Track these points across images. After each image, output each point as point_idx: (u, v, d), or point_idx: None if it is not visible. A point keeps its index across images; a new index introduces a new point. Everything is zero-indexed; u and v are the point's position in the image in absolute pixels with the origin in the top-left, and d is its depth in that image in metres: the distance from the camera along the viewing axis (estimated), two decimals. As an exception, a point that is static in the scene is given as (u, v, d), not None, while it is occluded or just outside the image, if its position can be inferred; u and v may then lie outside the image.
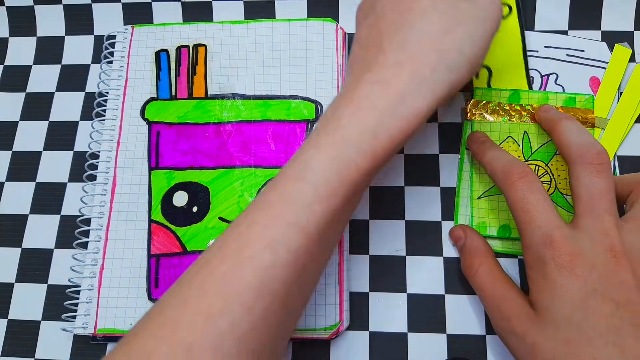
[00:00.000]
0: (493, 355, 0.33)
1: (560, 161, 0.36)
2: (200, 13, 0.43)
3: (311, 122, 0.38)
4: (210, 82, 0.40)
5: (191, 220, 0.36)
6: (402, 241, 0.36)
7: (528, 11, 0.41)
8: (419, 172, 0.38)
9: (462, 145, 0.38)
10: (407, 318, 0.35)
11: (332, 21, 0.40)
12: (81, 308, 0.35)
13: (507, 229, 0.35)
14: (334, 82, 0.38)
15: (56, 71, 0.43)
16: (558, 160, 0.36)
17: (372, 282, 0.35)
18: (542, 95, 0.38)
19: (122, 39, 0.41)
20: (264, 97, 0.39)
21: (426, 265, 0.36)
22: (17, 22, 0.45)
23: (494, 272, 0.32)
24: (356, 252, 0.36)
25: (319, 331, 0.33)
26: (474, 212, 0.36)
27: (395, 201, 0.37)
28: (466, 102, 0.38)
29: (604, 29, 0.40)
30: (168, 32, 0.41)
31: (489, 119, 0.37)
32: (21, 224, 0.39)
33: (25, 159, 0.41)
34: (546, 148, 0.36)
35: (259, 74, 0.39)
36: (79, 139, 0.41)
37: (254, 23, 0.41)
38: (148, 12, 0.43)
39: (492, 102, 0.38)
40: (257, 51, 0.40)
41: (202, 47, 0.40)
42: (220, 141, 0.38)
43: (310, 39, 0.40)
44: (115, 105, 0.39)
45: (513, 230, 0.35)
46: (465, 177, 0.37)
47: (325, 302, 0.34)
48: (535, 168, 0.36)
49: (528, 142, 0.37)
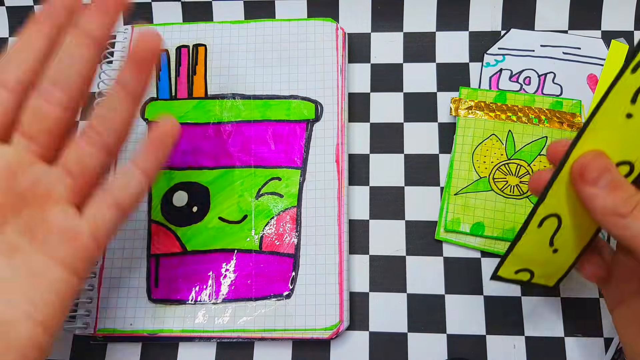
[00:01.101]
0: (493, 355, 0.33)
1: (543, 162, 0.36)
2: (200, 13, 0.43)
3: (311, 122, 0.38)
4: (210, 82, 0.40)
5: (191, 220, 0.36)
6: (402, 241, 0.36)
7: (528, 11, 0.41)
8: (419, 172, 0.38)
9: (455, 141, 0.38)
10: (407, 318, 0.35)
11: (332, 21, 0.40)
12: (81, 308, 0.35)
13: (481, 226, 0.35)
14: (334, 82, 0.39)
15: (56, 71, 0.43)
16: (541, 161, 0.36)
17: (372, 282, 0.36)
18: (529, 98, 0.38)
19: (122, 39, 0.41)
20: (264, 97, 0.39)
21: (426, 265, 0.36)
22: (17, 22, 0.44)
23: None
24: (356, 252, 0.36)
25: (319, 331, 0.33)
26: (449, 208, 0.36)
27: (395, 201, 0.37)
28: (452, 100, 0.38)
29: (603, 29, 0.40)
30: (168, 32, 0.41)
31: (473, 116, 0.38)
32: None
33: (25, 159, 0.41)
34: (530, 148, 0.37)
35: (259, 73, 0.39)
36: (79, 139, 0.41)
37: (253, 23, 0.41)
38: (148, 12, 0.43)
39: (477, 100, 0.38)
40: (257, 51, 0.40)
41: (202, 47, 0.40)
42: (220, 141, 0.38)
43: (310, 38, 0.40)
44: (116, 105, 0.39)
45: (487, 229, 0.35)
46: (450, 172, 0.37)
47: (325, 302, 0.34)
48: (517, 167, 0.36)
49: (512, 141, 0.37)
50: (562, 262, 0.28)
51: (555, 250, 0.27)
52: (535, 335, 0.34)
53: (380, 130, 0.39)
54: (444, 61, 0.41)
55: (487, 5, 0.41)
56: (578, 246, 0.27)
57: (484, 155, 0.37)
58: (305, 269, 0.35)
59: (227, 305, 0.34)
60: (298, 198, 0.36)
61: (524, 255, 0.27)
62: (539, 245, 0.27)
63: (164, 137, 0.28)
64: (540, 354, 0.33)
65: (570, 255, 0.28)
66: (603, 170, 0.24)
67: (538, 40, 0.40)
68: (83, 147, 0.26)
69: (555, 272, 0.29)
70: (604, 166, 0.24)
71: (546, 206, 0.26)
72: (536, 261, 0.28)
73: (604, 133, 0.24)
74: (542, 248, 0.27)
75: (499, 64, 0.40)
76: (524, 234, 0.26)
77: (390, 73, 0.41)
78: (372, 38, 0.42)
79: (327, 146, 0.37)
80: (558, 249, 0.27)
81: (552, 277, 0.29)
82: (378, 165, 0.38)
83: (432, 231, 0.36)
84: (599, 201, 0.24)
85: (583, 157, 0.24)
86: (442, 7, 0.41)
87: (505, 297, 0.35)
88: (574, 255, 0.28)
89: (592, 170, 0.24)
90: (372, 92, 0.40)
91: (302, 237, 0.35)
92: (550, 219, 0.26)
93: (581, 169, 0.24)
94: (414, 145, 0.39)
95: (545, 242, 0.27)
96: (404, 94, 0.40)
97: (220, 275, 0.35)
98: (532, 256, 0.28)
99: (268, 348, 0.34)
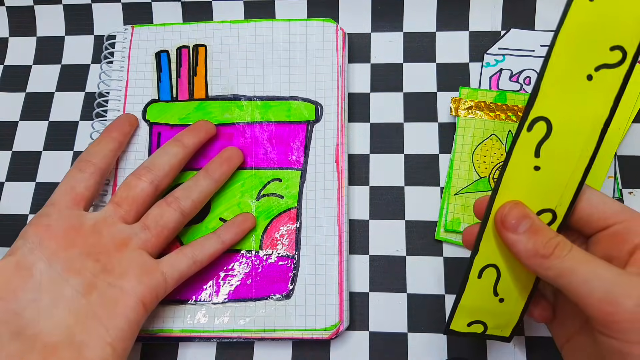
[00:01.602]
0: (493, 356, 0.33)
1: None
2: (200, 13, 0.43)
3: (311, 124, 0.38)
4: (211, 83, 0.40)
5: (192, 221, 0.36)
6: (402, 241, 0.36)
7: (528, 11, 0.41)
8: (419, 172, 0.38)
9: (455, 140, 0.38)
10: (407, 318, 0.35)
11: (333, 22, 0.40)
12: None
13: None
14: (334, 82, 0.38)
15: (56, 71, 0.43)
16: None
17: (372, 282, 0.36)
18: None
19: (122, 39, 0.41)
20: (264, 98, 0.39)
21: (426, 265, 0.36)
22: (17, 22, 0.44)
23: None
24: (356, 252, 0.36)
25: (319, 331, 0.33)
26: (449, 208, 0.36)
27: (395, 201, 0.37)
28: (452, 100, 0.38)
29: (603, 29, 0.40)
30: (168, 32, 0.41)
31: (473, 116, 0.38)
32: (21, 224, 0.39)
33: (25, 159, 0.41)
34: None
35: (259, 74, 0.39)
36: (79, 139, 0.41)
37: (254, 23, 0.41)
38: (148, 12, 0.43)
39: (477, 100, 0.38)
40: (257, 51, 0.40)
41: (202, 48, 0.40)
42: (220, 142, 0.38)
43: (310, 39, 0.40)
44: (117, 106, 0.39)
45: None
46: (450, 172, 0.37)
47: (325, 303, 0.34)
48: None
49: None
50: (511, 312, 0.29)
51: (501, 299, 0.28)
52: (535, 335, 0.34)
53: (380, 130, 0.39)
54: (444, 61, 0.41)
55: (487, 5, 0.41)
56: (522, 293, 0.28)
57: (484, 155, 0.37)
58: (305, 269, 0.35)
59: (227, 305, 0.34)
60: (298, 199, 0.36)
61: (471, 307, 0.28)
62: (484, 295, 0.28)
63: (241, 223, 0.35)
64: (540, 354, 0.33)
65: (517, 303, 0.28)
66: (521, 217, 0.25)
67: (538, 40, 0.40)
68: (162, 206, 0.33)
69: (507, 322, 0.29)
70: (522, 213, 0.25)
71: (481, 257, 0.27)
72: (485, 312, 0.29)
73: (517, 186, 0.26)
74: (487, 298, 0.28)
75: (499, 64, 0.40)
76: (466, 286, 0.28)
77: (390, 73, 0.41)
78: (372, 38, 0.42)
79: (327, 147, 0.37)
80: (504, 298, 0.28)
81: (506, 327, 0.29)
82: (378, 165, 0.38)
83: (432, 231, 0.37)
84: (521, 245, 0.25)
85: (502, 207, 0.26)
86: (442, 7, 0.41)
87: (504, 297, 0.35)
88: (521, 302, 0.28)
89: (511, 218, 0.25)
90: (372, 92, 0.40)
91: (302, 238, 0.35)
92: (488, 269, 0.27)
93: (502, 218, 0.26)
94: (414, 145, 0.39)
95: (489, 292, 0.28)
96: (404, 94, 0.40)
97: (220, 275, 0.35)
98: (480, 307, 0.29)
99: (268, 348, 0.34)
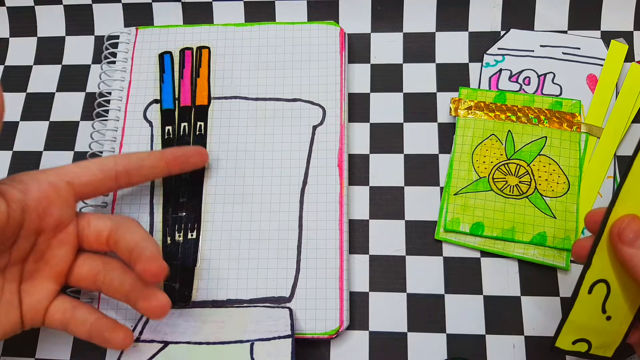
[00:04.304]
0: (493, 355, 0.33)
1: (542, 162, 0.36)
2: (200, 13, 0.43)
3: (314, 127, 0.38)
4: (214, 85, 0.39)
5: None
6: (402, 241, 0.36)
7: (527, 11, 0.41)
8: (419, 172, 0.38)
9: (454, 141, 0.38)
10: (407, 318, 0.35)
11: (336, 25, 0.40)
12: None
13: (480, 226, 0.35)
14: (337, 85, 0.38)
15: (56, 71, 0.43)
16: (541, 161, 0.36)
17: (372, 282, 0.36)
18: (528, 98, 0.38)
19: (126, 40, 0.41)
20: (267, 99, 0.39)
21: (426, 265, 0.36)
22: (17, 23, 0.45)
23: None
24: (356, 252, 0.36)
25: (319, 335, 0.33)
26: (449, 208, 0.36)
27: (395, 201, 0.37)
28: (452, 100, 0.38)
29: (603, 29, 0.40)
30: (172, 34, 0.41)
31: (473, 116, 0.38)
32: (22, 224, 0.39)
33: (26, 159, 0.41)
34: (529, 148, 0.37)
35: (262, 77, 0.39)
36: (79, 139, 0.41)
37: (257, 26, 0.41)
38: (148, 13, 0.43)
39: (477, 100, 0.38)
40: (261, 54, 0.40)
41: (205, 50, 0.40)
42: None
43: (313, 42, 0.40)
44: (118, 106, 0.39)
45: (486, 228, 0.35)
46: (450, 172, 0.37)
47: (326, 307, 0.33)
48: (517, 167, 0.36)
49: (512, 141, 0.37)
50: (616, 330, 0.28)
51: (608, 317, 0.28)
52: (535, 335, 0.34)
53: (380, 130, 0.39)
54: (444, 61, 0.41)
55: (487, 5, 0.41)
56: (630, 312, 0.28)
57: (483, 155, 0.37)
58: (305, 272, 0.34)
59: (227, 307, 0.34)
60: (300, 201, 0.36)
61: (578, 323, 0.28)
62: (592, 312, 0.28)
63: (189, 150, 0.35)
64: (540, 354, 0.33)
65: (624, 321, 0.28)
66: (639, 231, 0.25)
67: (538, 41, 0.40)
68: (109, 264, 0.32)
69: (612, 342, 0.29)
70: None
71: (593, 271, 0.27)
72: (591, 330, 0.28)
73: (635, 198, 0.25)
74: (595, 315, 0.28)
75: (499, 64, 0.40)
76: (576, 301, 0.27)
77: (390, 73, 0.41)
78: (372, 38, 0.42)
79: (329, 150, 0.37)
80: (611, 315, 0.28)
81: (609, 347, 0.29)
82: (378, 166, 0.38)
83: (432, 231, 0.37)
84: (638, 260, 0.25)
85: (619, 220, 0.25)
86: (442, 7, 0.41)
87: (505, 297, 0.35)
88: (627, 321, 0.28)
89: (629, 232, 0.25)
90: (372, 92, 0.40)
91: (303, 241, 0.35)
92: (599, 285, 0.27)
93: (619, 231, 0.25)
94: (414, 145, 0.39)
95: (598, 309, 0.28)
96: (404, 94, 0.40)
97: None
98: (587, 324, 0.28)
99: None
